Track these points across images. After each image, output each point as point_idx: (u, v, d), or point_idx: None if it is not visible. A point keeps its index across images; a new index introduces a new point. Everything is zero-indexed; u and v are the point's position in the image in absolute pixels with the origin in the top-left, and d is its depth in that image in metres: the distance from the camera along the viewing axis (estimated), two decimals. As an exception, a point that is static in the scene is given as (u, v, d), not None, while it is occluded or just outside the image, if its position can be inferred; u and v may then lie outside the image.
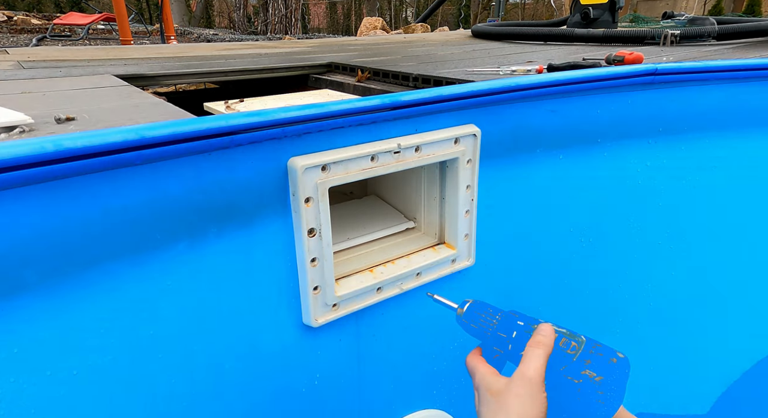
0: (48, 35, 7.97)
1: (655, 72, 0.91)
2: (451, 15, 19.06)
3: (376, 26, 7.07)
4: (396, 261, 0.79)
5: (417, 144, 0.70)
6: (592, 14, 1.94)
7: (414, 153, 0.70)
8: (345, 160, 0.64)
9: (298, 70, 1.41)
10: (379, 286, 0.75)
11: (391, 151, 0.68)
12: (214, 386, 0.67)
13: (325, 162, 0.62)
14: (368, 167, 0.67)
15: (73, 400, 0.56)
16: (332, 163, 0.63)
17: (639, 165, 1.01)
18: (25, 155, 0.44)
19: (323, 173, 0.63)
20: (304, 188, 0.62)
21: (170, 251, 0.58)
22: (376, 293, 0.76)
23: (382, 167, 0.68)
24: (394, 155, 0.68)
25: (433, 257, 0.81)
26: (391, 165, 0.69)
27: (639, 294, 1.12)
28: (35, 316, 0.51)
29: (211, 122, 0.54)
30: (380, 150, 0.67)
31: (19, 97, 0.87)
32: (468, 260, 0.85)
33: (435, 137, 0.72)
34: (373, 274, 0.76)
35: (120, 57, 1.57)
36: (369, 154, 0.66)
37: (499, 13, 8.58)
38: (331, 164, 0.63)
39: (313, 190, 0.62)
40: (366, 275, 0.75)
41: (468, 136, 0.76)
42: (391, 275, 0.76)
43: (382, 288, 0.76)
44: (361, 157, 0.66)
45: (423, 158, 0.71)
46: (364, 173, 0.66)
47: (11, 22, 9.17)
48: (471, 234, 0.83)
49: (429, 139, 0.71)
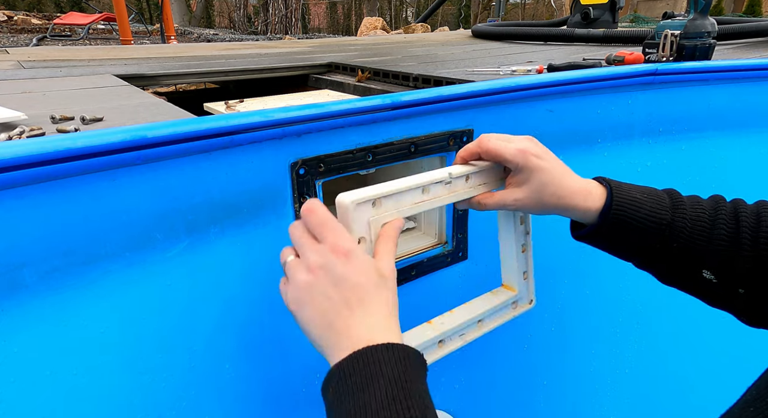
0: (48, 35, 7.97)
1: (655, 72, 0.91)
2: (452, 15, 19.07)
3: (376, 26, 7.07)
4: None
5: (466, 173, 0.65)
6: (592, 14, 1.94)
7: (465, 182, 0.65)
8: (396, 193, 0.58)
9: (298, 70, 1.41)
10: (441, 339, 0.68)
11: (443, 182, 0.63)
12: (214, 385, 0.67)
13: (375, 196, 0.56)
14: (420, 201, 0.61)
15: (73, 400, 0.56)
16: (384, 198, 0.57)
17: (639, 165, 1.01)
18: (25, 155, 0.45)
19: (374, 209, 0.56)
20: (358, 227, 0.55)
21: (170, 250, 0.58)
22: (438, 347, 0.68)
23: (435, 200, 0.62)
24: (445, 186, 0.63)
25: (492, 301, 0.73)
26: (444, 197, 0.63)
27: (639, 294, 1.12)
28: (35, 316, 0.51)
29: (211, 122, 0.54)
30: (431, 180, 0.61)
31: (20, 97, 0.87)
32: (529, 303, 0.77)
33: (485, 166, 0.67)
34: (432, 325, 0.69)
35: (120, 57, 1.57)
36: (420, 186, 0.60)
37: (500, 13, 8.58)
38: (383, 199, 0.57)
39: (365, 230, 0.55)
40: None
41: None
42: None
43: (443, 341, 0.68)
44: (413, 190, 0.60)
45: (474, 188, 0.66)
46: (416, 208, 0.61)
47: (11, 22, 9.18)
48: (529, 272, 0.76)
49: (478, 168, 0.66)
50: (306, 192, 0.65)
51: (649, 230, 0.58)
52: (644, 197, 0.60)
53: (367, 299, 0.47)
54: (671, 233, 0.58)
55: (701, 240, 0.57)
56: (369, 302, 0.47)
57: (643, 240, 0.59)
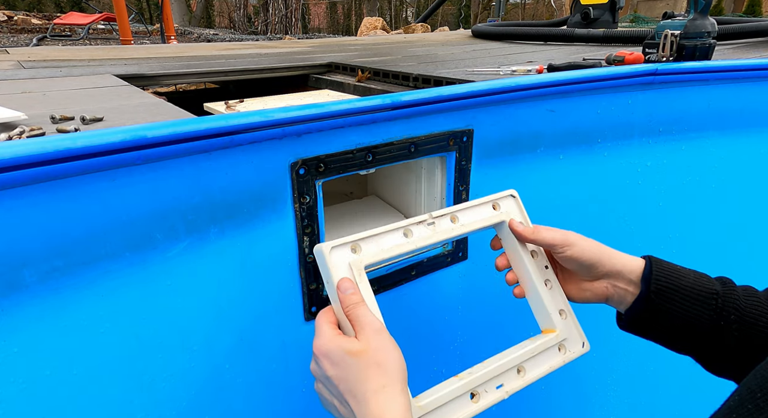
0: (48, 35, 7.97)
1: (655, 72, 0.91)
2: (452, 15, 19.06)
3: (376, 26, 7.07)
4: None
5: (451, 212, 0.65)
6: (592, 14, 1.94)
7: (452, 222, 0.65)
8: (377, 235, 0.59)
9: (298, 70, 1.41)
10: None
11: (425, 223, 0.63)
12: (214, 385, 0.67)
13: (353, 241, 0.57)
14: (402, 243, 0.61)
15: (73, 400, 0.56)
16: (361, 241, 0.58)
17: (639, 165, 1.01)
18: (26, 155, 0.45)
19: (354, 255, 0.58)
20: (338, 273, 0.56)
21: (170, 250, 0.58)
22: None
23: (416, 241, 0.62)
24: (428, 227, 0.63)
25: (532, 344, 0.66)
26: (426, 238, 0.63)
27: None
28: (35, 316, 0.51)
29: (211, 122, 0.54)
30: (412, 223, 0.62)
31: (20, 97, 0.87)
32: (582, 347, 0.68)
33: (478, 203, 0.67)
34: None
35: (120, 57, 1.57)
36: (400, 229, 0.61)
37: (500, 13, 8.58)
38: (361, 242, 0.58)
39: (347, 272, 0.57)
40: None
41: (507, 199, 0.70)
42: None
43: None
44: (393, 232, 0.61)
45: (468, 226, 0.66)
46: (397, 249, 0.61)
47: (11, 22, 9.17)
48: (567, 310, 0.68)
49: (467, 207, 0.66)
50: (306, 192, 0.65)
51: (699, 298, 0.56)
52: (685, 269, 0.59)
53: (354, 389, 0.49)
54: (724, 303, 0.55)
55: (756, 313, 0.54)
56: (356, 389, 0.49)
57: (693, 310, 0.56)
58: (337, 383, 0.50)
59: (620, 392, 1.18)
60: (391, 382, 0.49)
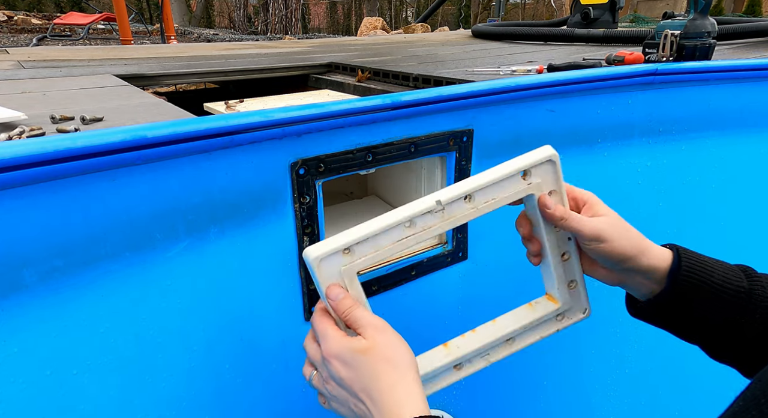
0: (48, 35, 7.97)
1: (655, 72, 0.91)
2: (452, 15, 19.06)
3: (376, 26, 7.06)
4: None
5: (464, 193, 0.58)
6: (592, 14, 1.94)
7: (465, 202, 0.58)
8: (371, 236, 0.54)
9: (298, 70, 1.41)
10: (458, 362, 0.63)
11: (432, 212, 0.57)
12: (214, 385, 0.67)
13: (344, 245, 0.53)
14: (405, 237, 0.56)
15: (73, 400, 0.56)
16: (356, 245, 0.53)
17: (639, 165, 1.01)
18: (26, 155, 0.45)
19: (346, 257, 0.54)
20: (327, 281, 0.54)
21: (170, 250, 0.58)
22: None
23: (424, 232, 0.57)
24: (435, 215, 0.57)
25: (529, 315, 0.67)
26: (437, 226, 0.58)
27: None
28: (35, 316, 0.51)
29: (211, 122, 0.54)
30: (415, 212, 0.56)
31: (20, 97, 0.87)
32: (583, 313, 0.69)
33: (502, 173, 0.59)
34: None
35: (120, 57, 1.57)
36: (400, 223, 0.55)
37: (500, 13, 8.58)
38: (355, 246, 0.53)
39: (338, 280, 0.54)
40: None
41: (544, 164, 0.61)
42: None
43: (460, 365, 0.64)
44: (393, 229, 0.55)
45: (486, 205, 0.60)
46: (400, 245, 0.56)
47: (11, 22, 9.17)
48: (579, 280, 0.67)
49: (488, 180, 0.58)
50: (306, 192, 0.65)
51: (726, 296, 0.54)
52: (712, 261, 0.56)
53: (368, 387, 0.49)
54: (749, 299, 0.53)
55: None
56: (371, 388, 0.49)
57: (717, 307, 0.54)
58: (351, 384, 0.50)
59: (622, 389, 1.18)
60: (402, 376, 0.49)
